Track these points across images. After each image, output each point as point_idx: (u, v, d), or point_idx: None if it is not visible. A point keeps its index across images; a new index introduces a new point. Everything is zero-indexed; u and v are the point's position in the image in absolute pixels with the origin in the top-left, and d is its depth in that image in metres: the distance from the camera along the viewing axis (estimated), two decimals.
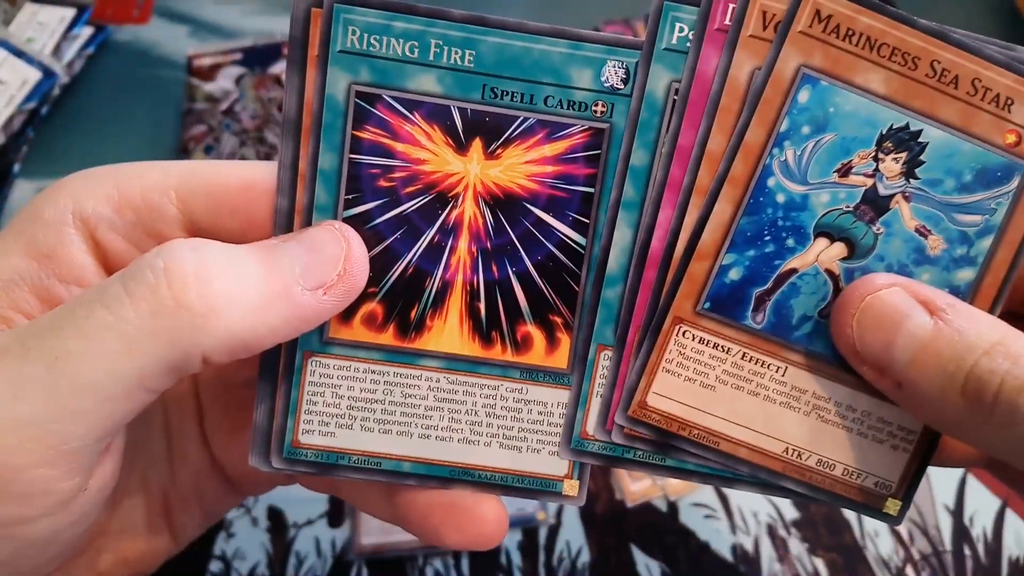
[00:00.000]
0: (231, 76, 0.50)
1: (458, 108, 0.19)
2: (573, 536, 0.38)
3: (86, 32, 0.51)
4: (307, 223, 0.20)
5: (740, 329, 0.21)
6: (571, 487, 0.22)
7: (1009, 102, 0.20)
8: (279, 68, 0.50)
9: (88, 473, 0.17)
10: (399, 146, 0.20)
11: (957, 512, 0.40)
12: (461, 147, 0.20)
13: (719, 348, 0.21)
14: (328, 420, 0.21)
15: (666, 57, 0.19)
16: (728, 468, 0.21)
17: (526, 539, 0.38)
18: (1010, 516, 0.40)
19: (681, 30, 0.19)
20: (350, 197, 0.20)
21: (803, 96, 0.19)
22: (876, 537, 0.39)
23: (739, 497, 0.40)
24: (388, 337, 0.21)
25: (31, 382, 0.16)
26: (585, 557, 0.38)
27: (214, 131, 0.48)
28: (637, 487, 0.40)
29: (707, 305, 0.20)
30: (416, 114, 0.20)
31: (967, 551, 0.39)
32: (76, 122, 0.49)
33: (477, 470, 0.21)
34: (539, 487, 0.22)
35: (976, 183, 0.20)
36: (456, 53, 0.19)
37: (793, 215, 0.20)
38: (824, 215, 0.20)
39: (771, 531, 0.39)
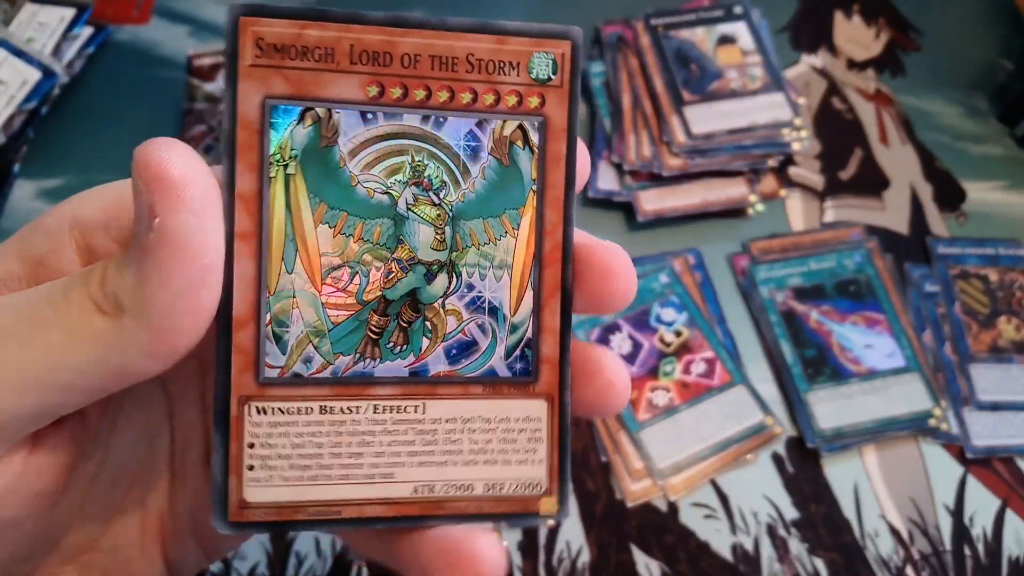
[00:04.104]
0: None
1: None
2: (573, 536, 0.38)
3: (86, 32, 0.51)
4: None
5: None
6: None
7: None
8: None
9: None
10: None
11: (957, 512, 0.40)
12: None
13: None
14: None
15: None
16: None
17: (526, 539, 0.38)
18: (1010, 516, 0.40)
19: None
20: None
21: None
22: (876, 537, 0.39)
23: (739, 497, 0.40)
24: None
25: None
26: (585, 557, 0.38)
27: (214, 131, 0.48)
28: (637, 487, 0.40)
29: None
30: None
31: (967, 551, 0.39)
32: (76, 122, 0.49)
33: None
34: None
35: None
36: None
37: None
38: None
39: (771, 531, 0.39)
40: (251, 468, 0.19)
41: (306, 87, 0.18)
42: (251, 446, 0.19)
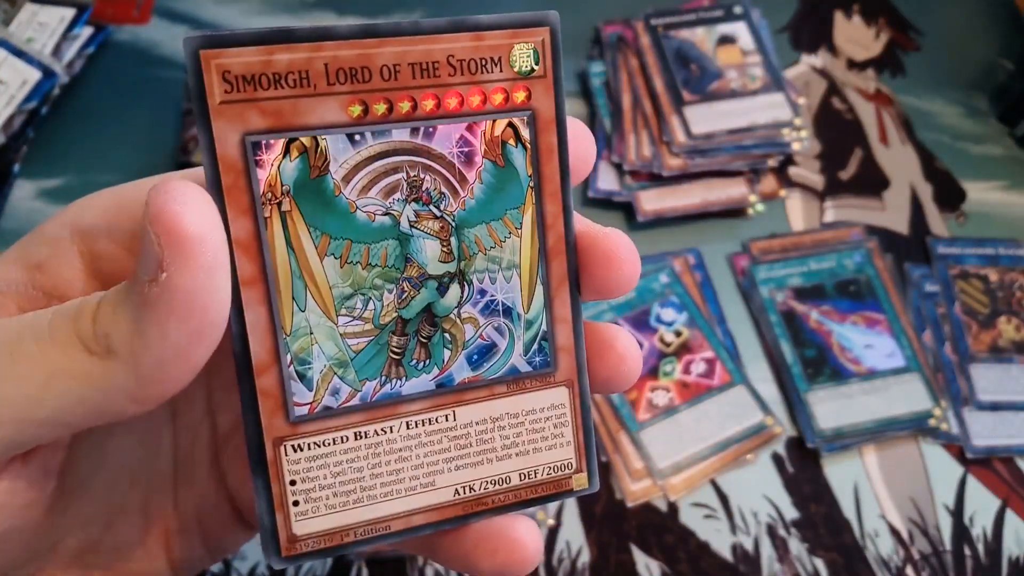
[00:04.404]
0: None
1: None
2: (573, 536, 0.38)
3: (86, 32, 0.51)
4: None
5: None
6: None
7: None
8: None
9: None
10: None
11: (957, 512, 0.40)
12: None
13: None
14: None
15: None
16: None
17: None
18: (1010, 516, 0.40)
19: None
20: None
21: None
22: (876, 537, 0.39)
23: (739, 497, 0.40)
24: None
25: None
26: (585, 557, 0.38)
27: None
28: (637, 487, 0.40)
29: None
30: None
31: (967, 551, 0.39)
32: (76, 122, 0.49)
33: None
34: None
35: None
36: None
37: None
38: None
39: (771, 531, 0.39)
40: (296, 504, 0.19)
41: (285, 117, 0.17)
42: (292, 483, 0.19)
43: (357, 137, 0.18)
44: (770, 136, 0.49)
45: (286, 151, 0.18)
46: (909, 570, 0.38)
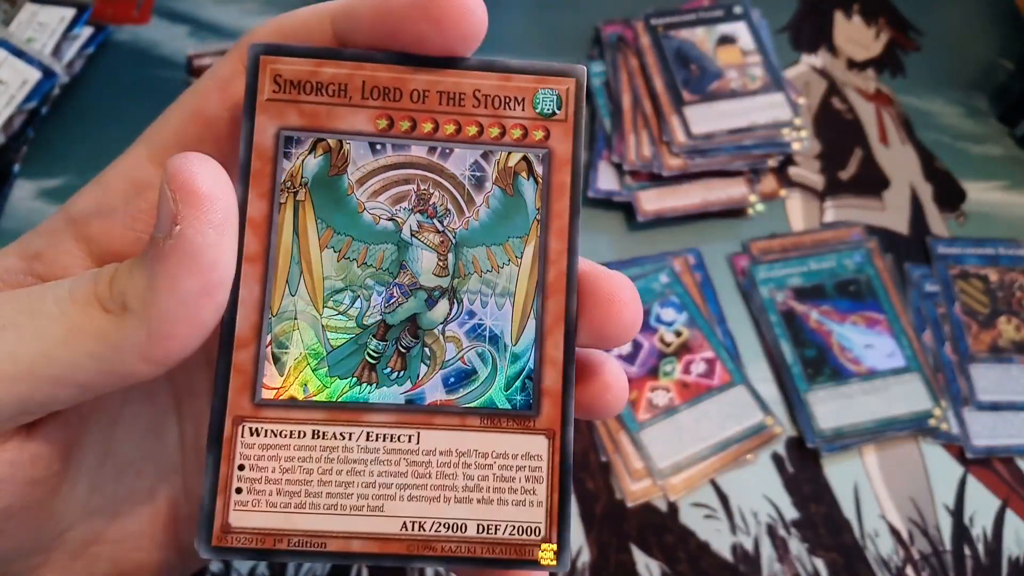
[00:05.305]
0: None
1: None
2: (573, 536, 0.38)
3: (86, 32, 0.51)
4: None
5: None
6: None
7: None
8: None
9: None
10: None
11: (957, 512, 0.40)
12: None
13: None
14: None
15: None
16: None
17: None
18: (1010, 516, 0.40)
19: None
20: None
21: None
22: (876, 537, 0.39)
23: (739, 497, 0.40)
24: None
25: None
26: (585, 557, 0.38)
27: None
28: (637, 487, 0.40)
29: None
30: None
31: (967, 551, 0.39)
32: (76, 122, 0.49)
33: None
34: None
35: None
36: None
37: None
38: None
39: (771, 531, 0.39)
40: (239, 491, 0.19)
41: (319, 120, 0.19)
42: (241, 468, 0.19)
43: (378, 146, 0.19)
44: (770, 136, 0.49)
45: (312, 148, 0.19)
46: (909, 570, 0.38)
